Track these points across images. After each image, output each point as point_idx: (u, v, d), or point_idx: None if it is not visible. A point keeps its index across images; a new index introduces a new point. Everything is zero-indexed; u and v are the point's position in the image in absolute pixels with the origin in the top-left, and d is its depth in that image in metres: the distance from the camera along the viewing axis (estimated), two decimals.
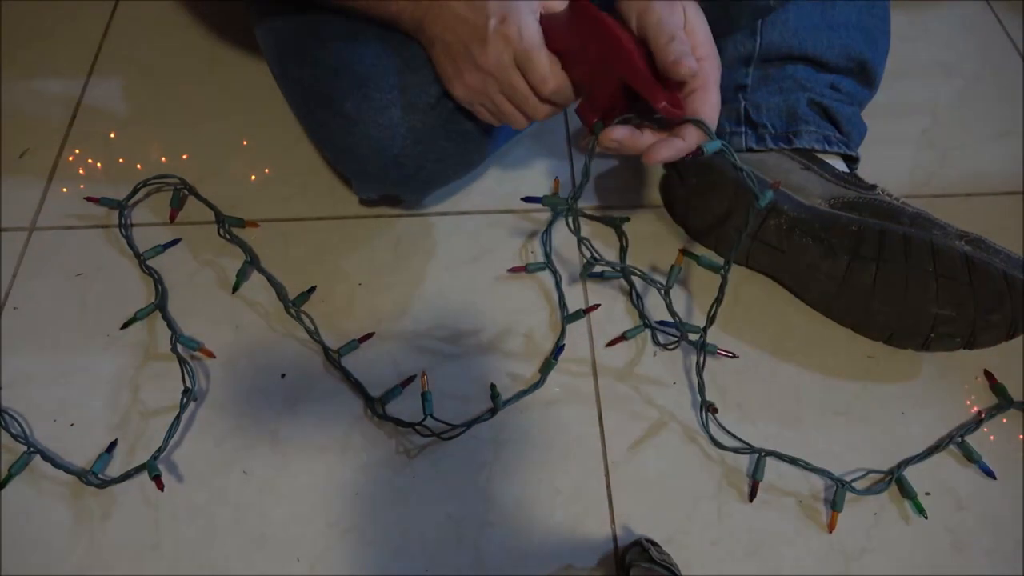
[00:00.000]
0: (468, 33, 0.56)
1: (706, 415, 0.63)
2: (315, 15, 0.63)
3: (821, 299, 0.67)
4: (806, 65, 0.70)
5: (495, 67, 0.56)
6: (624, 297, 0.71)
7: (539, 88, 0.56)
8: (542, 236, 0.74)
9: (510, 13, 0.54)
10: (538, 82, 0.55)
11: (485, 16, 0.54)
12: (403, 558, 0.58)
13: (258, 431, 0.63)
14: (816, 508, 0.60)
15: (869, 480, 0.61)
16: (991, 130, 0.84)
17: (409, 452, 0.62)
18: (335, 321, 0.68)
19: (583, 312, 0.69)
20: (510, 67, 0.55)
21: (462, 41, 0.56)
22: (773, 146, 0.69)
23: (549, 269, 0.71)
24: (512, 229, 0.75)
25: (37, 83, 0.85)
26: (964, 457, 0.62)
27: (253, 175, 0.78)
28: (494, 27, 0.54)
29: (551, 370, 0.66)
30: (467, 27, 0.55)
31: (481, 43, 0.55)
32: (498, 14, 0.54)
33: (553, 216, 0.75)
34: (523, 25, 0.54)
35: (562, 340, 0.67)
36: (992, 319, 0.60)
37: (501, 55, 0.55)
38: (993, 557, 0.59)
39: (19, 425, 0.62)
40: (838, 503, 0.59)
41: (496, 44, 0.55)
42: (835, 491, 0.60)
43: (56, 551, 0.58)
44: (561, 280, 0.71)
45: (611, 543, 0.59)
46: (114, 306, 0.69)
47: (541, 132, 0.81)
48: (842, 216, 0.64)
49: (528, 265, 0.71)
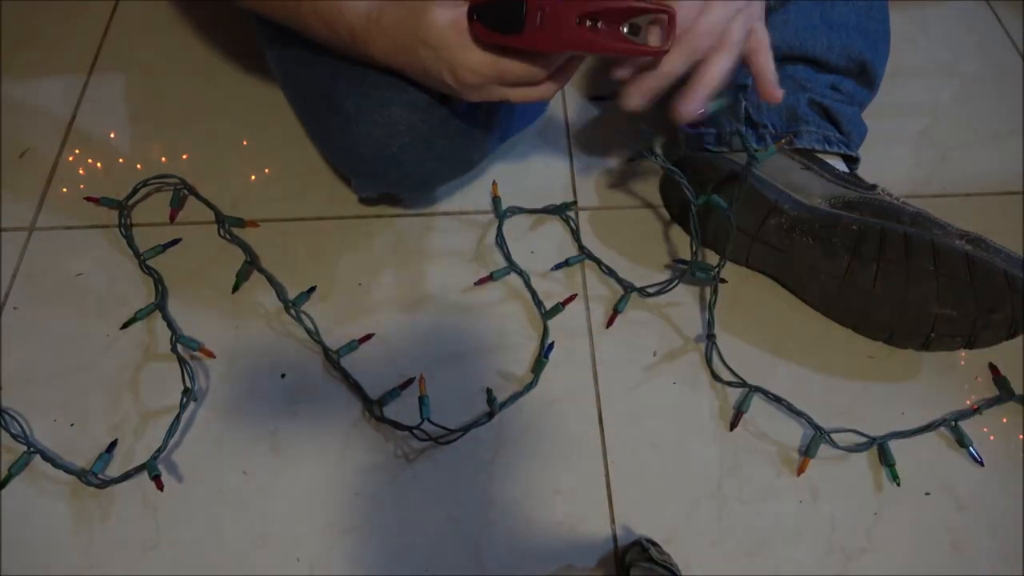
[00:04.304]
0: (427, 74, 0.56)
1: (711, 346, 0.66)
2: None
3: (821, 299, 0.67)
4: (806, 65, 0.70)
5: (468, 88, 0.56)
6: (596, 278, 0.71)
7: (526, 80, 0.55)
8: (496, 239, 0.73)
9: (437, 49, 0.54)
10: (521, 78, 0.55)
11: (420, 59, 0.55)
12: (403, 558, 0.58)
13: (258, 431, 0.63)
14: (792, 458, 0.62)
15: (851, 441, 0.62)
16: (991, 130, 0.84)
17: (409, 453, 0.62)
18: (335, 321, 0.68)
19: (561, 306, 0.69)
20: (478, 85, 0.55)
21: (429, 78, 0.57)
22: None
23: (514, 271, 0.71)
24: (516, 228, 0.75)
25: (37, 83, 0.85)
26: (955, 442, 0.63)
27: (253, 175, 0.78)
28: (432, 63, 0.55)
29: (543, 369, 0.66)
30: (420, 71, 0.57)
31: (441, 76, 0.55)
32: (432, 58, 0.54)
33: (500, 218, 0.74)
34: (456, 62, 0.54)
35: (548, 337, 0.67)
36: (993, 318, 0.60)
37: (462, 80, 0.55)
38: (993, 557, 0.59)
39: (19, 425, 0.62)
40: (811, 450, 0.61)
41: (448, 76, 0.55)
42: (811, 438, 0.61)
43: (56, 551, 0.58)
44: (529, 279, 0.71)
45: (611, 543, 0.59)
46: (114, 306, 0.69)
47: (541, 131, 0.81)
48: (842, 216, 0.64)
49: (493, 273, 0.71)
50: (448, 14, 0.53)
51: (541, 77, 0.55)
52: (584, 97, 0.85)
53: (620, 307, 0.69)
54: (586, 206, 0.76)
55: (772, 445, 0.63)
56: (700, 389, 0.66)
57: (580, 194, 0.77)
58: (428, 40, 0.54)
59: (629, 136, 0.81)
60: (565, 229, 0.75)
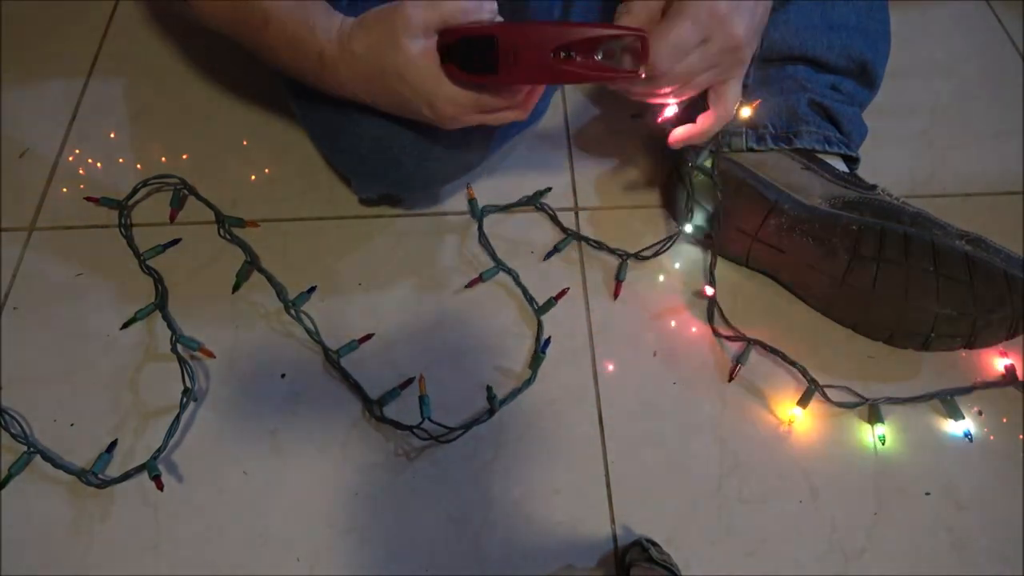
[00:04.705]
0: (401, 106, 0.57)
1: (713, 309, 0.68)
2: None
3: (821, 299, 0.67)
4: (806, 65, 0.70)
5: (447, 119, 0.56)
6: (595, 279, 0.72)
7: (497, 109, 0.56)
8: (479, 240, 0.73)
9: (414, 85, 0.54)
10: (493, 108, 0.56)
11: (396, 91, 0.55)
12: (403, 558, 0.58)
13: (258, 431, 0.63)
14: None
15: (843, 398, 0.64)
16: (991, 130, 0.84)
17: (409, 453, 0.62)
18: (335, 321, 0.68)
19: (554, 300, 0.69)
20: (457, 116, 0.56)
21: (404, 109, 0.57)
22: (773, 146, 0.69)
23: (502, 269, 0.71)
24: (513, 227, 0.75)
25: (37, 83, 0.85)
26: (947, 414, 0.64)
27: (253, 175, 0.78)
28: (410, 95, 0.54)
29: (541, 364, 0.66)
30: (394, 103, 0.57)
31: (419, 109, 0.56)
32: (409, 91, 0.54)
33: (479, 219, 0.74)
34: (434, 96, 0.54)
35: (544, 332, 0.68)
36: (993, 318, 0.60)
37: (441, 112, 0.55)
38: (993, 557, 0.59)
39: (19, 425, 0.62)
40: (804, 401, 0.63)
41: (426, 109, 0.55)
42: (805, 390, 0.63)
43: (56, 551, 0.58)
44: (518, 276, 0.71)
45: (611, 543, 0.59)
46: (114, 306, 0.69)
47: (541, 132, 0.81)
48: (842, 216, 0.64)
49: (482, 273, 0.71)
50: (420, 44, 0.52)
51: (519, 100, 0.56)
52: (586, 98, 0.85)
53: (621, 276, 0.70)
54: (586, 206, 0.77)
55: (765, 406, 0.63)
56: (700, 388, 0.66)
57: (580, 194, 0.77)
58: (405, 75, 0.53)
59: (629, 136, 0.81)
60: (553, 221, 0.75)
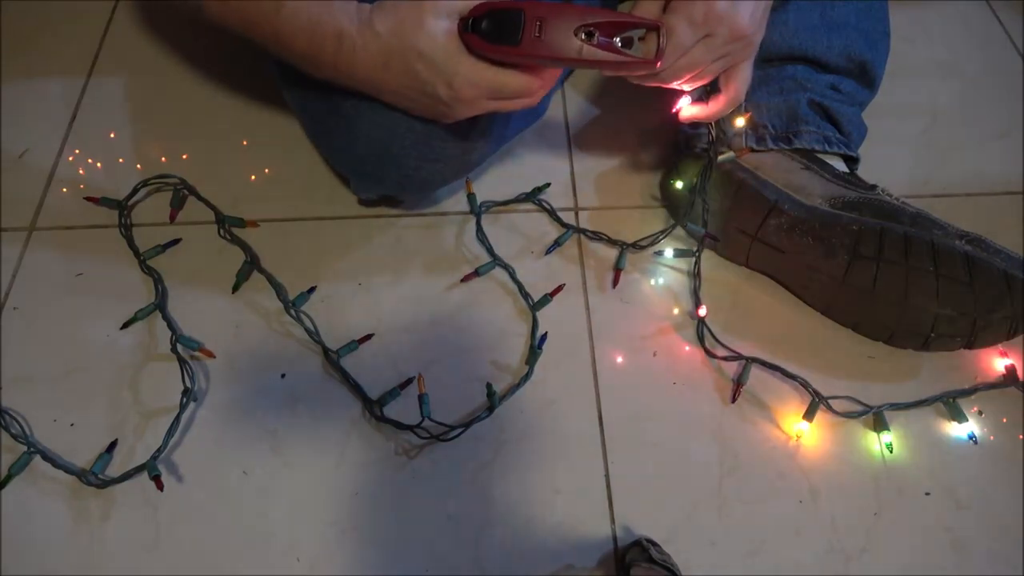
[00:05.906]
0: (419, 87, 0.56)
1: (701, 327, 0.67)
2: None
3: (821, 299, 0.68)
4: (806, 65, 0.70)
5: (462, 102, 0.55)
6: (594, 277, 0.72)
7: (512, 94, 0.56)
8: (477, 235, 0.73)
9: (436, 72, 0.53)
10: (505, 93, 0.55)
11: (414, 71, 0.54)
12: (403, 558, 0.58)
13: (258, 431, 0.63)
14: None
15: (848, 407, 0.64)
16: (991, 130, 0.84)
17: (409, 452, 0.62)
18: (335, 321, 0.68)
19: (549, 296, 0.69)
20: (473, 99, 0.55)
21: (419, 91, 0.56)
22: (773, 146, 0.69)
23: (498, 265, 0.71)
24: (511, 228, 0.75)
25: (37, 83, 0.85)
26: (950, 416, 0.64)
27: (253, 175, 0.78)
28: (428, 75, 0.54)
29: (537, 359, 0.66)
30: (410, 85, 0.55)
31: (435, 89, 0.55)
32: (428, 70, 0.54)
33: (477, 214, 0.74)
34: (454, 74, 0.53)
35: (539, 328, 0.68)
36: (993, 318, 0.60)
37: (459, 93, 0.54)
38: (993, 557, 0.59)
39: (19, 425, 0.62)
40: (809, 414, 0.63)
41: (443, 89, 0.54)
42: (809, 404, 0.63)
43: (56, 551, 0.58)
44: (515, 272, 0.71)
45: (611, 543, 0.59)
46: (114, 306, 0.69)
47: (541, 132, 0.81)
48: (842, 216, 0.64)
49: (478, 268, 0.71)
50: (444, 24, 0.52)
51: (535, 86, 0.55)
52: (586, 98, 0.85)
53: (621, 264, 0.71)
54: (586, 206, 0.77)
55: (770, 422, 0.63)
56: (700, 388, 0.66)
57: (580, 194, 0.77)
58: (425, 51, 0.53)
59: (629, 136, 0.81)
60: (552, 216, 0.75)
